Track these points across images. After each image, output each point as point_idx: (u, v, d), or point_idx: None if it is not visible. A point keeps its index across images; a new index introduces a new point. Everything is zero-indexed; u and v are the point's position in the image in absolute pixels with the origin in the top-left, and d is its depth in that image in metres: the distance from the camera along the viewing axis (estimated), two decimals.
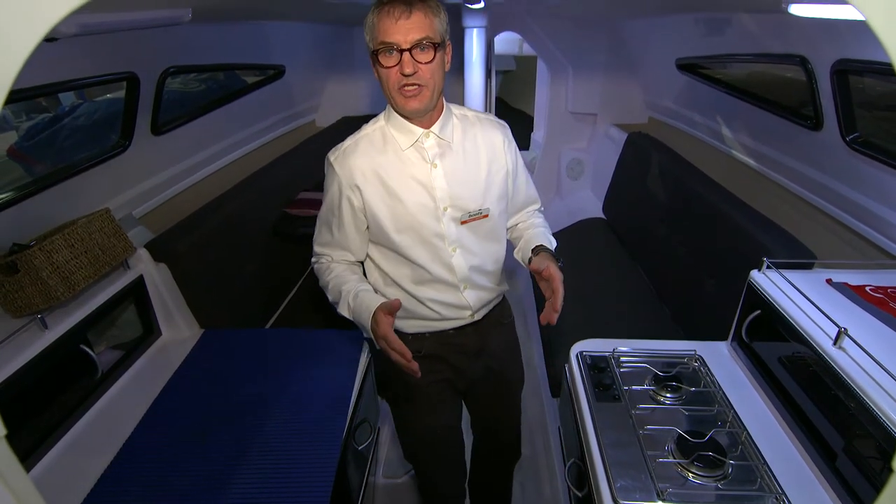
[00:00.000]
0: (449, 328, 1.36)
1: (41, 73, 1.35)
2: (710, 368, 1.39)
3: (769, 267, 1.36)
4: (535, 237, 1.35)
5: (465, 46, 2.28)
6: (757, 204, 1.92)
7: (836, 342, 1.07)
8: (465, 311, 1.34)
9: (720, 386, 1.32)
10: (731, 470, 1.08)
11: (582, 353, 1.46)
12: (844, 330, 1.06)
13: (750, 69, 2.28)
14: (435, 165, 1.21)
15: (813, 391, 1.12)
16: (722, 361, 1.43)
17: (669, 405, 1.28)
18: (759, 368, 1.33)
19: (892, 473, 0.42)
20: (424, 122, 1.19)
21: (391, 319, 1.12)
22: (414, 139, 1.19)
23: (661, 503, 1.02)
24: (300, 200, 2.59)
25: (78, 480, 1.25)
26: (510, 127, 1.35)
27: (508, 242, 1.41)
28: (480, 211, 1.25)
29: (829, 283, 1.30)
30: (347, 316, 1.25)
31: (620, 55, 3.24)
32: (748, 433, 1.17)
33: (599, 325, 2.06)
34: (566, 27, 3.26)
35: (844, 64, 1.42)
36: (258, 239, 2.34)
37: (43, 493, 0.45)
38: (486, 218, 1.27)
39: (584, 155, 3.76)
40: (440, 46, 1.10)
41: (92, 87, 1.62)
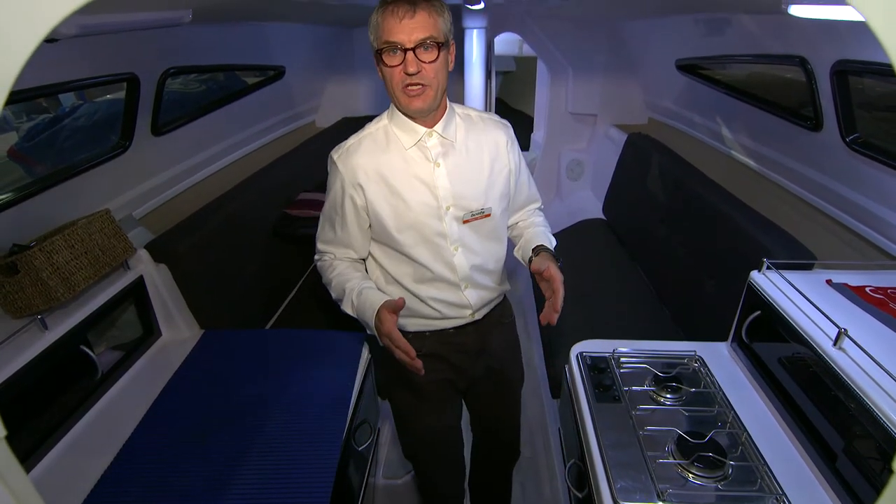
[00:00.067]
0: (449, 327, 1.36)
1: (41, 73, 1.35)
2: (710, 369, 1.39)
3: (769, 268, 1.36)
4: (535, 236, 1.36)
5: (465, 47, 2.28)
6: (757, 205, 1.92)
7: (836, 343, 1.07)
8: (465, 310, 1.34)
9: (720, 387, 1.32)
10: (731, 471, 1.08)
11: (582, 353, 1.46)
12: (844, 331, 1.06)
13: (750, 70, 2.28)
14: (438, 164, 1.21)
15: (813, 392, 1.12)
16: (722, 362, 1.43)
17: (669, 406, 1.28)
18: (759, 369, 1.33)
19: (892, 474, 0.42)
20: (428, 121, 1.20)
21: (395, 318, 1.12)
22: (417, 138, 1.20)
23: None
24: (300, 201, 2.59)
25: (78, 481, 1.25)
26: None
27: (509, 241, 1.42)
28: (482, 210, 1.26)
29: (829, 283, 1.30)
30: (351, 313, 1.25)
31: (620, 56, 3.24)
32: (748, 434, 1.18)
33: (599, 325, 2.06)
34: (566, 28, 3.26)
35: (844, 65, 1.42)
36: (258, 240, 2.34)
37: (43, 494, 0.45)
38: (488, 217, 1.27)
39: (583, 156, 3.76)
40: (444, 46, 1.10)
41: (92, 87, 1.62)
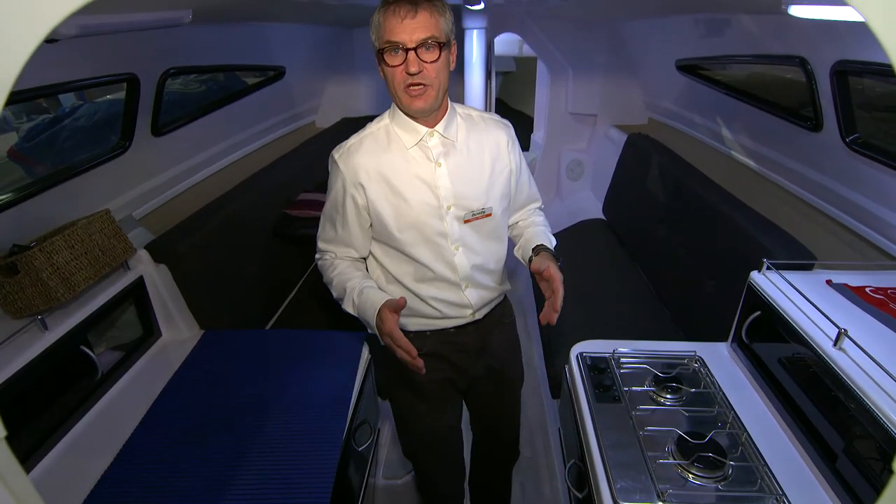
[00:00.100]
0: (450, 326, 1.36)
1: (41, 74, 1.35)
2: (710, 369, 1.39)
3: (769, 268, 1.36)
4: (535, 236, 1.36)
5: (465, 48, 2.28)
6: (757, 205, 1.92)
7: (836, 343, 1.07)
8: (466, 309, 1.34)
9: (720, 387, 1.32)
10: (731, 471, 1.08)
11: (582, 354, 1.46)
12: (844, 331, 1.06)
13: (750, 70, 2.28)
14: (439, 164, 1.21)
15: (813, 392, 1.12)
16: (722, 362, 1.43)
17: (669, 406, 1.28)
18: (759, 369, 1.33)
19: (892, 475, 0.42)
20: (429, 121, 1.20)
21: (396, 317, 1.12)
22: (418, 138, 1.20)
23: None
24: (300, 201, 2.59)
25: (78, 482, 1.25)
26: None
27: (509, 241, 1.42)
28: (483, 210, 1.26)
29: (829, 284, 1.30)
30: (352, 312, 1.25)
31: (620, 56, 3.24)
32: (748, 434, 1.17)
33: (599, 326, 2.06)
34: (566, 28, 3.26)
35: (844, 65, 1.42)
36: (258, 240, 2.34)
37: (43, 494, 0.45)
38: (489, 217, 1.27)
39: (584, 156, 3.76)
40: (445, 46, 1.10)
41: (92, 88, 1.62)
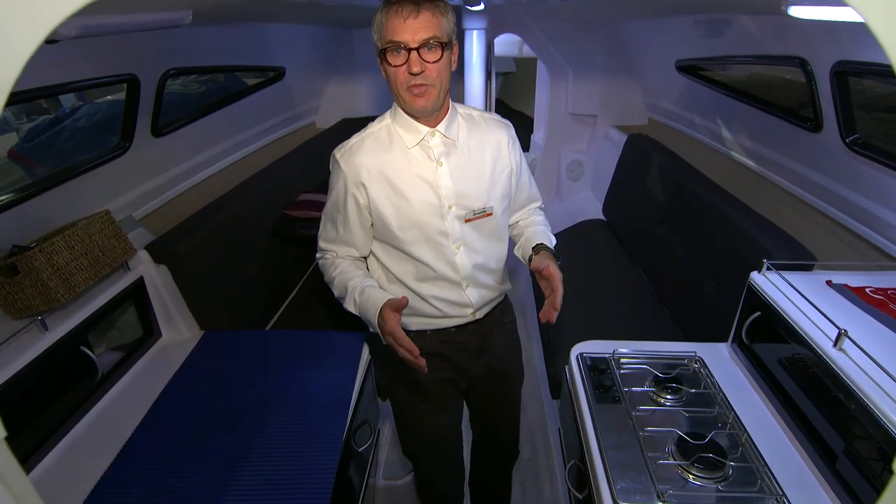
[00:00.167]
0: (450, 326, 1.36)
1: (42, 74, 1.35)
2: (710, 370, 1.39)
3: (769, 268, 1.36)
4: (535, 235, 1.36)
5: (465, 48, 2.28)
6: (757, 205, 1.92)
7: (836, 344, 1.07)
8: (466, 308, 1.34)
9: (720, 387, 1.32)
10: (731, 472, 1.08)
11: (582, 354, 1.46)
12: (844, 331, 1.06)
13: (749, 71, 2.28)
14: (440, 164, 1.21)
15: (813, 393, 1.12)
16: (722, 363, 1.43)
17: (670, 407, 1.28)
18: (759, 370, 1.33)
19: (892, 475, 0.42)
20: (431, 120, 1.20)
21: (398, 316, 1.12)
22: (420, 138, 1.20)
23: None
24: (300, 202, 2.59)
25: (78, 482, 1.25)
26: None
27: (510, 240, 1.42)
28: (484, 209, 1.26)
29: (829, 284, 1.30)
30: (353, 311, 1.25)
31: (620, 57, 3.24)
32: (748, 435, 1.17)
33: (599, 326, 2.06)
34: (566, 29, 3.26)
35: (844, 65, 1.42)
36: (258, 240, 2.34)
37: (43, 494, 0.45)
38: (489, 216, 1.28)
39: (584, 156, 3.76)
40: (447, 46, 1.10)
41: (92, 88, 1.62)
